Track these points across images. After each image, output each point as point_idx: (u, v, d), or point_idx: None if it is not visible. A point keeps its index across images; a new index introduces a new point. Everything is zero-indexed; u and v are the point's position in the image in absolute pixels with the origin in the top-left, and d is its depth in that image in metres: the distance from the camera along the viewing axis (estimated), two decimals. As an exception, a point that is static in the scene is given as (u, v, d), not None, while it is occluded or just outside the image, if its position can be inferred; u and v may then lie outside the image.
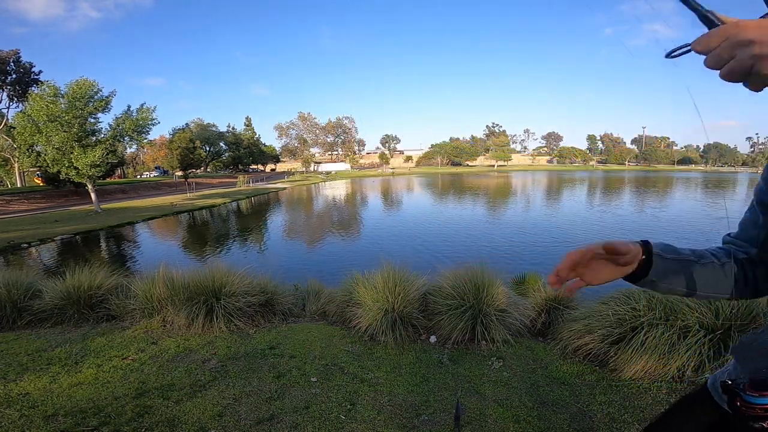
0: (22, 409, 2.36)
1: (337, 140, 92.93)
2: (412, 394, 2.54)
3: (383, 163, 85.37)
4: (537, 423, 2.21)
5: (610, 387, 2.53)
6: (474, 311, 3.27)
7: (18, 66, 33.36)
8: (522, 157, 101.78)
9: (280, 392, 2.55)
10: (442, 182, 47.48)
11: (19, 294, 4.17)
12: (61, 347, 3.31)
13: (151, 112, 22.93)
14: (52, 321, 4.01)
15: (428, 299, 3.63)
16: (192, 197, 30.38)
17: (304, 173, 70.90)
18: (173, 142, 43.33)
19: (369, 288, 3.60)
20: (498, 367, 2.88)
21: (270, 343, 3.33)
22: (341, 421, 2.25)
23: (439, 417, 2.30)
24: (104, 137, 21.70)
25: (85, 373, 2.84)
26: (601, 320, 2.94)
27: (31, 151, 21.57)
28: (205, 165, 56.41)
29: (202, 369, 2.88)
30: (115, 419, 2.25)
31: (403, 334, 3.31)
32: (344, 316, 3.81)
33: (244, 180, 45.69)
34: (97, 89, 21.01)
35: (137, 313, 3.91)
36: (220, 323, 3.59)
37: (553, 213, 19.56)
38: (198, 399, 2.47)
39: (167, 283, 3.91)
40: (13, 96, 34.19)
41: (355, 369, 2.88)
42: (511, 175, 60.34)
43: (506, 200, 26.44)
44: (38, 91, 19.99)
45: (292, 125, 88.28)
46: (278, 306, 4.14)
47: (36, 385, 2.67)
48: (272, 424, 2.21)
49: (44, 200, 28.10)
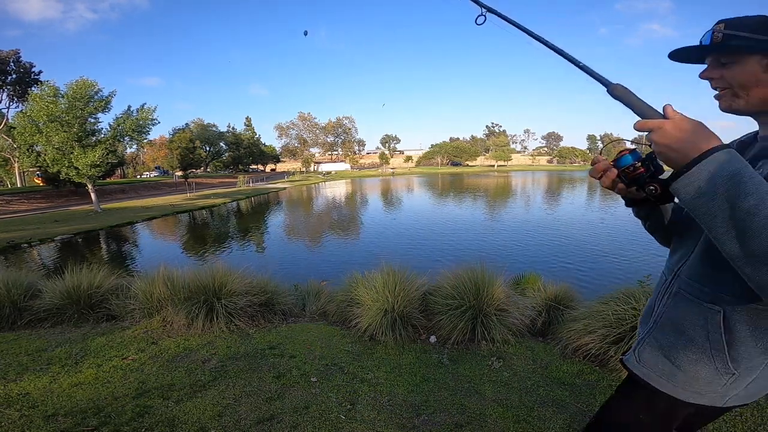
0: (22, 409, 2.36)
1: (337, 140, 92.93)
2: (412, 394, 2.54)
3: (383, 163, 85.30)
4: (537, 423, 2.21)
5: (611, 387, 2.53)
6: (474, 311, 3.27)
7: (18, 66, 33.34)
8: (522, 157, 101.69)
9: (280, 392, 2.55)
10: (442, 182, 47.47)
11: (19, 294, 4.17)
12: (61, 347, 3.31)
13: (151, 112, 22.96)
14: (52, 321, 4.01)
15: (428, 299, 3.63)
16: (192, 197, 30.38)
17: (304, 173, 70.87)
18: (173, 142, 43.35)
19: (369, 288, 3.60)
20: (498, 367, 2.88)
21: (270, 343, 3.33)
22: (341, 421, 2.25)
23: (439, 417, 2.30)
24: (104, 137, 21.71)
25: (85, 373, 2.84)
26: (601, 320, 2.93)
27: (31, 151, 21.58)
28: (205, 165, 56.43)
29: (202, 369, 2.88)
30: (115, 419, 2.25)
31: (403, 334, 3.31)
32: (344, 316, 3.81)
33: (244, 180, 45.71)
34: (97, 89, 21.03)
35: (137, 313, 3.91)
36: (220, 323, 3.59)
37: (552, 213, 19.55)
38: (198, 399, 2.47)
39: (167, 283, 3.91)
40: (13, 96, 34.17)
41: (355, 369, 2.88)
42: (511, 175, 60.31)
43: (506, 200, 26.43)
44: (38, 91, 19.99)
45: (292, 125, 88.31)
46: (278, 306, 4.14)
47: (36, 385, 2.67)
48: (272, 424, 2.21)
49: (44, 200, 28.10)
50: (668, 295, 0.98)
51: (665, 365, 0.94)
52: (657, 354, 0.97)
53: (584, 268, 9.12)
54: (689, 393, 0.91)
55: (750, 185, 0.65)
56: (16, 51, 33.07)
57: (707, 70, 0.87)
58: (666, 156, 0.75)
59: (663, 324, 0.97)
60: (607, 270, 8.82)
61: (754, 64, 0.79)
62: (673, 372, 0.93)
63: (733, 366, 0.85)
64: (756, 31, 0.77)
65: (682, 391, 0.92)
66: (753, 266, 0.66)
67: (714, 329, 0.85)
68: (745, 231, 0.64)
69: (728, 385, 0.87)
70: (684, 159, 0.71)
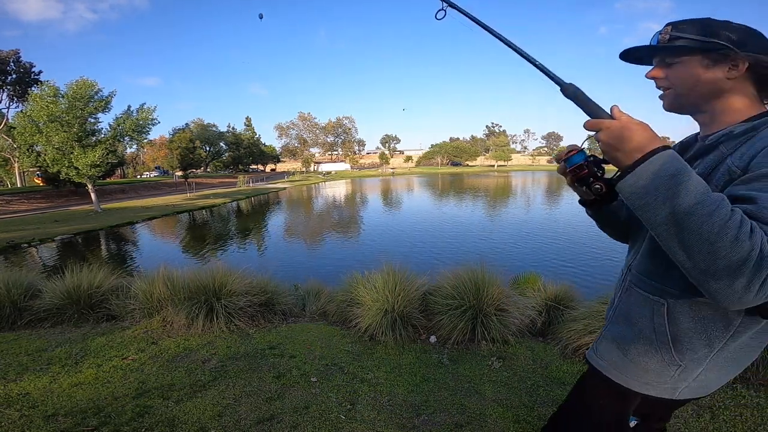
0: (22, 409, 2.36)
1: (337, 140, 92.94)
2: (412, 394, 2.54)
3: (383, 163, 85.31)
4: (537, 423, 2.20)
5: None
6: (474, 311, 3.27)
7: (18, 66, 33.35)
8: (522, 157, 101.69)
9: (280, 392, 2.55)
10: (442, 182, 47.47)
11: (19, 294, 4.17)
12: (61, 347, 3.31)
13: (151, 112, 22.97)
14: (52, 321, 4.01)
15: (428, 299, 3.63)
16: (192, 197, 30.38)
17: (304, 173, 70.87)
18: (173, 142, 43.34)
19: (369, 288, 3.60)
20: (498, 367, 2.88)
21: (270, 343, 3.33)
22: (341, 421, 2.25)
23: (439, 417, 2.30)
24: (104, 137, 21.71)
25: (85, 373, 2.84)
26: (601, 320, 2.93)
27: (31, 151, 21.58)
28: (205, 165, 56.42)
29: (202, 369, 2.88)
30: (115, 419, 2.25)
31: (403, 334, 3.31)
32: (344, 316, 3.81)
33: (244, 180, 45.71)
34: (97, 89, 21.04)
35: (137, 313, 3.91)
36: (220, 323, 3.59)
37: (552, 213, 19.55)
38: (198, 399, 2.47)
39: (167, 283, 3.91)
40: (13, 96, 34.18)
41: (355, 369, 2.88)
42: (511, 175, 60.30)
43: (506, 200, 26.43)
44: (38, 91, 19.99)
45: (292, 125, 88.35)
46: (278, 306, 4.13)
47: (36, 385, 2.67)
48: (272, 424, 2.21)
49: (44, 200, 28.10)
50: (622, 290, 1.02)
51: (618, 357, 0.98)
52: (612, 346, 1.00)
53: (584, 267, 9.11)
54: (641, 384, 0.94)
55: (689, 185, 0.67)
56: (16, 51, 33.09)
57: (653, 69, 0.90)
58: (611, 155, 0.77)
59: (617, 317, 1.02)
60: (607, 270, 8.80)
61: (696, 64, 0.82)
62: (625, 364, 0.96)
63: (679, 357, 0.87)
64: (699, 32, 0.80)
65: (634, 382, 0.95)
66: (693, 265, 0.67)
67: (659, 322, 0.88)
68: (683, 230, 0.66)
69: (676, 377, 0.89)
70: (628, 159, 0.74)
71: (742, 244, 0.62)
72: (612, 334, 1.02)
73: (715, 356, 0.85)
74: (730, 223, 0.63)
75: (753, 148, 0.75)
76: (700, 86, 0.83)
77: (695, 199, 0.66)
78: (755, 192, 0.68)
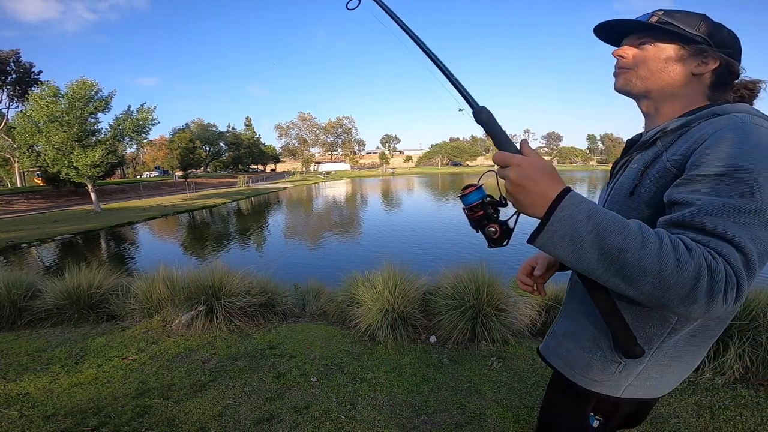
0: (22, 409, 2.36)
1: (337, 140, 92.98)
2: (412, 394, 2.54)
3: (383, 163, 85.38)
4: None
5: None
6: (474, 311, 3.27)
7: (18, 66, 33.36)
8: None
9: (280, 392, 2.55)
10: (442, 182, 47.47)
11: (19, 294, 4.17)
12: (61, 347, 3.31)
13: (151, 112, 23.00)
14: (52, 321, 4.01)
15: (428, 299, 3.63)
16: (192, 197, 30.38)
17: (304, 173, 70.89)
18: (173, 142, 43.37)
19: (369, 288, 3.60)
20: (498, 367, 2.88)
21: (270, 343, 3.33)
22: (341, 421, 2.25)
23: (439, 417, 2.30)
24: (104, 137, 21.73)
25: (85, 373, 2.84)
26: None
27: (31, 151, 21.60)
28: (205, 165, 56.44)
29: (202, 369, 2.88)
30: (115, 419, 2.25)
31: (403, 334, 3.31)
32: (344, 316, 3.81)
33: (244, 180, 45.73)
34: (97, 89, 21.05)
35: (137, 313, 3.91)
36: (220, 323, 3.59)
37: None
38: (198, 399, 2.47)
39: (167, 283, 3.91)
40: (13, 96, 34.19)
41: (355, 369, 2.88)
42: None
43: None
44: (38, 92, 20.00)
45: (292, 125, 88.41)
46: (278, 306, 4.13)
47: (36, 385, 2.67)
48: (272, 424, 2.21)
49: (44, 200, 28.11)
50: (570, 285, 1.01)
51: (567, 352, 0.97)
52: (561, 342, 1.01)
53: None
54: (587, 380, 0.92)
55: (607, 221, 0.63)
56: (16, 51, 33.10)
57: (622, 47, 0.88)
58: (516, 196, 0.72)
59: (566, 313, 1.02)
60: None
61: (670, 51, 0.81)
62: (574, 359, 0.95)
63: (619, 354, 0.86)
64: (686, 23, 0.80)
65: (582, 378, 0.93)
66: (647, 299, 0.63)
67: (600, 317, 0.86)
68: (624, 267, 0.62)
69: (618, 374, 0.88)
70: (533, 204, 0.69)
71: (686, 266, 0.59)
72: (562, 329, 1.02)
73: (654, 354, 0.84)
74: (663, 247, 0.60)
75: (686, 145, 0.73)
76: (663, 73, 0.82)
77: (621, 232, 0.62)
78: (694, 195, 0.66)
